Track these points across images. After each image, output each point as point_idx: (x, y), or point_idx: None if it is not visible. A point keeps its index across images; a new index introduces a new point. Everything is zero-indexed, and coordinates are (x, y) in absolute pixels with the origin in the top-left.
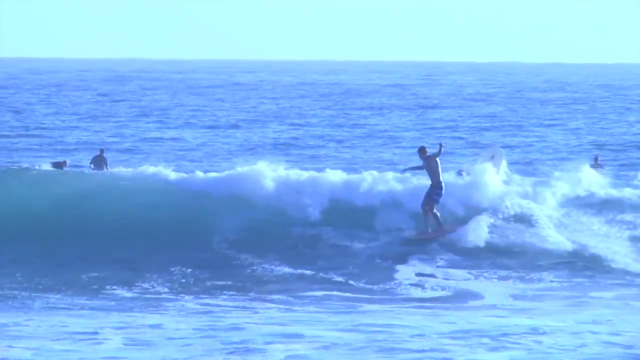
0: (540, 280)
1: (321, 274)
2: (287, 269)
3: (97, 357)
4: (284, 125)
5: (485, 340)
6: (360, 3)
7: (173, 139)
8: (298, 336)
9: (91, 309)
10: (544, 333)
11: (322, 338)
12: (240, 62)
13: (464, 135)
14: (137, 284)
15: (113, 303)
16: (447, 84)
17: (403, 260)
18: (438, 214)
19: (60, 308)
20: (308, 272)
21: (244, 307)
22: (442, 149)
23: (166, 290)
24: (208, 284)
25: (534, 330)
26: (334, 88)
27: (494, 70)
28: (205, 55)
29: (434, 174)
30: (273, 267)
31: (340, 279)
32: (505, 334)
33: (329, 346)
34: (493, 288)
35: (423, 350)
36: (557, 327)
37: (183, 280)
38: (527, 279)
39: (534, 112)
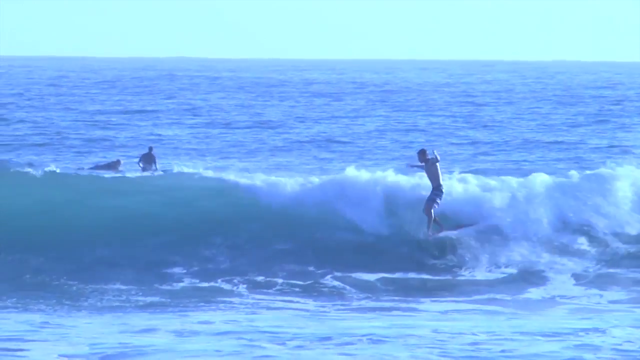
0: None
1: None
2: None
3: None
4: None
5: None
6: (380, 2)
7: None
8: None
9: (150, 304)
10: None
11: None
12: (275, 61)
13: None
14: (214, 282)
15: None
16: (498, 81)
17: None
18: (436, 218)
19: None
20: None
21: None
22: (439, 157)
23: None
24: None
25: None
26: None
27: (539, 68)
28: (227, 54)
29: (433, 178)
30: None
31: None
32: None
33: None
34: None
35: None
36: None
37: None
38: None
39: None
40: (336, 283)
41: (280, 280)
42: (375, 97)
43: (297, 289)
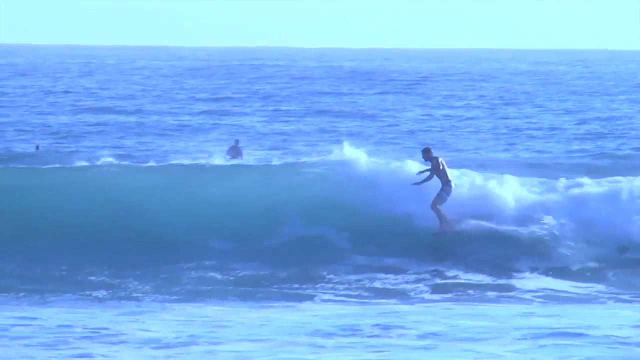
0: None
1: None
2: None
3: None
4: None
5: None
6: None
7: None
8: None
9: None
10: None
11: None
12: (356, 51)
13: None
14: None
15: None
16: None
17: None
18: (444, 213)
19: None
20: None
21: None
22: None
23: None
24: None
25: None
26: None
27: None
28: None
29: (442, 174)
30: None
31: None
32: None
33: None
34: None
35: None
36: None
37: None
38: None
39: None
40: None
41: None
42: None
43: None
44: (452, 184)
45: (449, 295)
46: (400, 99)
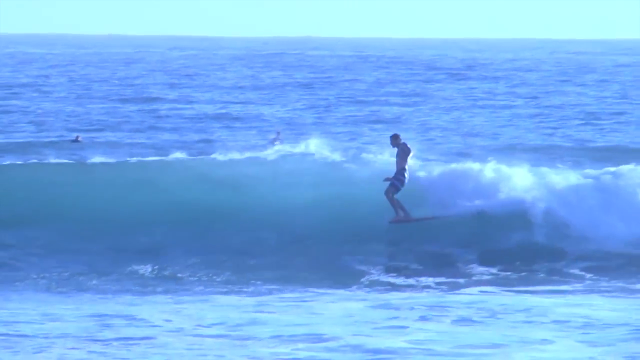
0: None
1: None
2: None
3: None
4: None
5: None
6: None
7: None
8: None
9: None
10: None
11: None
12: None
13: None
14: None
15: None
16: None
17: None
18: (399, 200)
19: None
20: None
21: None
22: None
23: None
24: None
25: None
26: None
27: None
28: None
29: (400, 161)
30: None
31: None
32: None
33: None
34: None
35: None
36: None
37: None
38: None
39: None
40: None
41: None
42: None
43: None
44: (406, 174)
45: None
46: (446, 87)
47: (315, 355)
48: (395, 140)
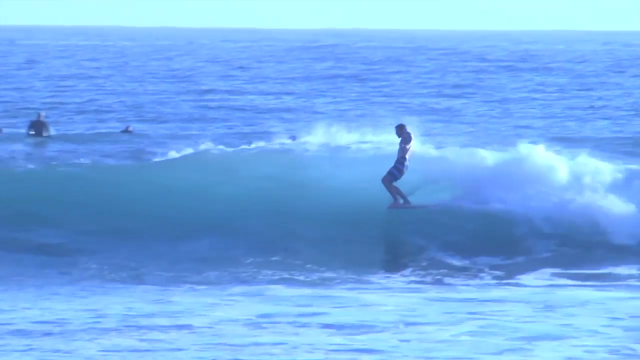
0: None
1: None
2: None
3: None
4: None
5: None
6: None
7: None
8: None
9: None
10: None
11: None
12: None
13: None
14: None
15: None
16: None
17: None
18: (398, 188)
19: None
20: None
21: None
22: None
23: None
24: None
25: None
26: None
27: None
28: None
29: (405, 151)
30: None
31: None
32: None
33: None
34: None
35: None
36: None
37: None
38: None
39: None
40: None
41: None
42: None
43: None
44: (407, 163)
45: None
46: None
47: (372, 346)
48: (400, 130)
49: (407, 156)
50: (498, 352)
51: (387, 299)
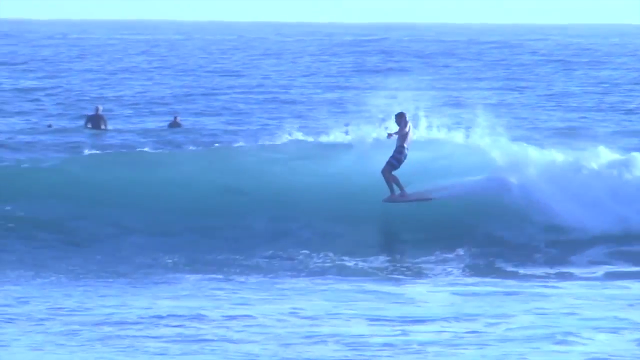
0: None
1: None
2: None
3: None
4: None
5: None
6: None
7: None
8: None
9: None
10: None
11: None
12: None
13: None
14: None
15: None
16: None
17: None
18: (398, 177)
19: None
20: None
21: None
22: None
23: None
24: None
25: None
26: None
27: None
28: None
29: (404, 138)
30: None
31: None
32: None
33: None
34: None
35: None
36: None
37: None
38: None
39: None
40: None
41: None
42: None
43: None
44: (406, 151)
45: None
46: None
47: (422, 339)
48: (400, 118)
49: (405, 145)
50: (553, 342)
51: (429, 295)
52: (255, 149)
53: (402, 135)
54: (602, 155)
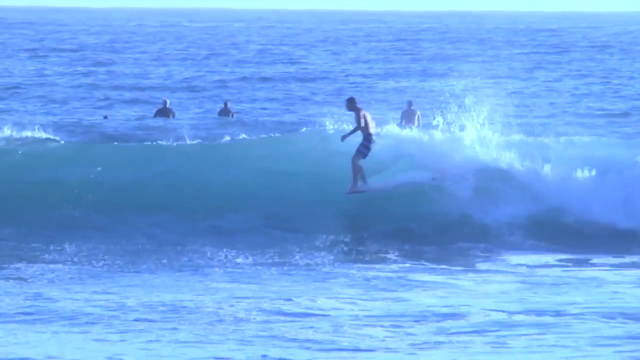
0: None
1: None
2: None
3: None
4: None
5: None
6: None
7: None
8: None
9: None
10: None
11: None
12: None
13: None
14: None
15: None
16: None
17: None
18: (362, 167)
19: None
20: None
21: None
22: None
23: None
24: None
25: None
26: None
27: None
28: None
29: (363, 127)
30: None
31: None
32: None
33: None
34: None
35: None
36: None
37: None
38: None
39: None
40: None
41: None
42: None
43: None
44: (373, 138)
45: None
46: None
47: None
48: (351, 104)
49: (371, 132)
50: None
51: (476, 285)
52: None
53: (361, 124)
54: None
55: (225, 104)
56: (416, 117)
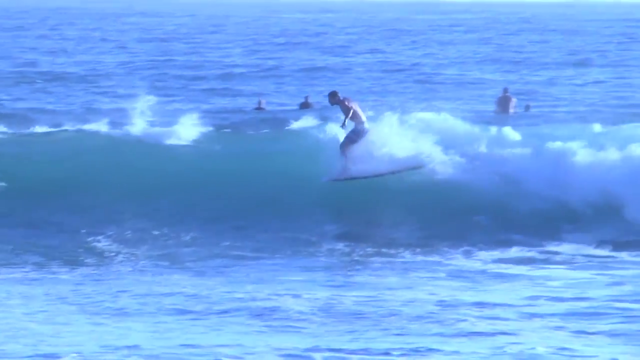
0: None
1: None
2: None
3: None
4: None
5: None
6: None
7: None
8: None
9: None
10: None
11: None
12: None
13: None
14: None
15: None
16: None
17: None
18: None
19: None
20: None
21: None
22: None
23: None
24: None
25: None
26: None
27: None
28: None
29: (354, 117)
30: None
31: None
32: None
33: None
34: None
35: None
36: None
37: None
38: None
39: None
40: None
41: None
42: None
43: None
44: (366, 126)
45: None
46: None
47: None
48: (333, 98)
49: (363, 120)
50: None
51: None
52: None
53: (349, 114)
54: None
55: (306, 98)
56: (511, 104)
